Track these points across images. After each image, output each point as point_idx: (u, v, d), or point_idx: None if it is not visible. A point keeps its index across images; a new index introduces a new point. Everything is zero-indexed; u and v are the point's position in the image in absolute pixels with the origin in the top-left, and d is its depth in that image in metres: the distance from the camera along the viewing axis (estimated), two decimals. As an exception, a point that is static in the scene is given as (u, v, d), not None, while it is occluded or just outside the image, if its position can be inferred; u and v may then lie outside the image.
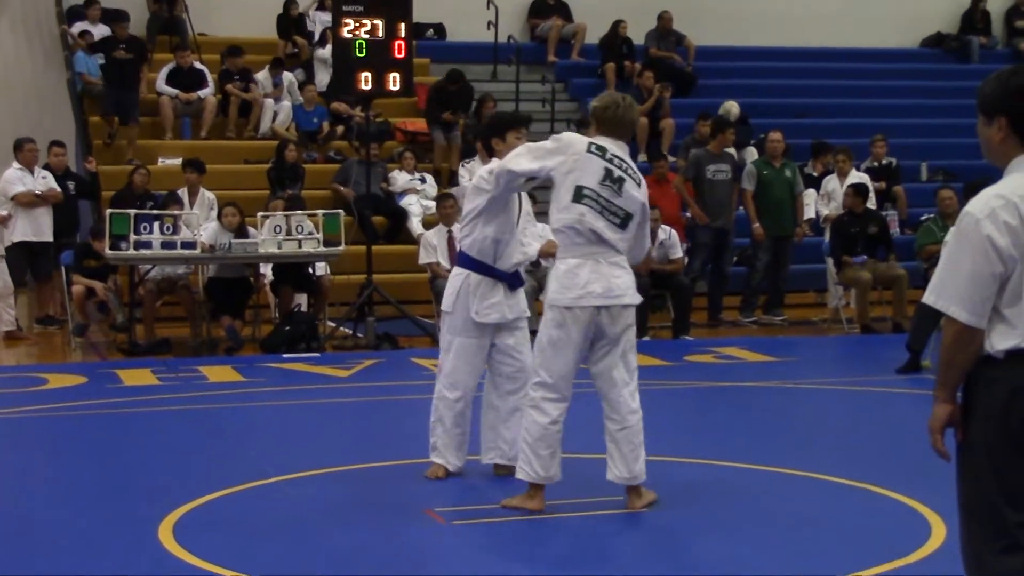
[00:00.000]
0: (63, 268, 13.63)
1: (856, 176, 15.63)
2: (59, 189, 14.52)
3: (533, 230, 7.39)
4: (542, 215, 14.74)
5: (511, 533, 6.18)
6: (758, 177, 14.78)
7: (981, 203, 3.72)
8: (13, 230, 14.31)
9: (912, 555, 5.69)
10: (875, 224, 14.28)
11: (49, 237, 14.43)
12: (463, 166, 15.80)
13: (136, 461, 7.55)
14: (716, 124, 15.29)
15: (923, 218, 14.56)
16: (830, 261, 14.69)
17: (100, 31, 18.31)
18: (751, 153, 17.16)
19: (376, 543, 5.99)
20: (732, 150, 17.23)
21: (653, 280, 13.39)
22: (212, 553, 5.70)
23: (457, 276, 7.16)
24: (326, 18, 18.13)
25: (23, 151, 14.48)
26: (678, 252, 13.69)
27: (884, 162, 16.83)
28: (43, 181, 14.49)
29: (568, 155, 6.41)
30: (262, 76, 17.98)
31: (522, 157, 6.58)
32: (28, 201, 14.28)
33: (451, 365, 7.14)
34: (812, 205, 16.20)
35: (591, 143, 6.44)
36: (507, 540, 6.09)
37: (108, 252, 12.37)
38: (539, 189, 15.40)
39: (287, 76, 18.20)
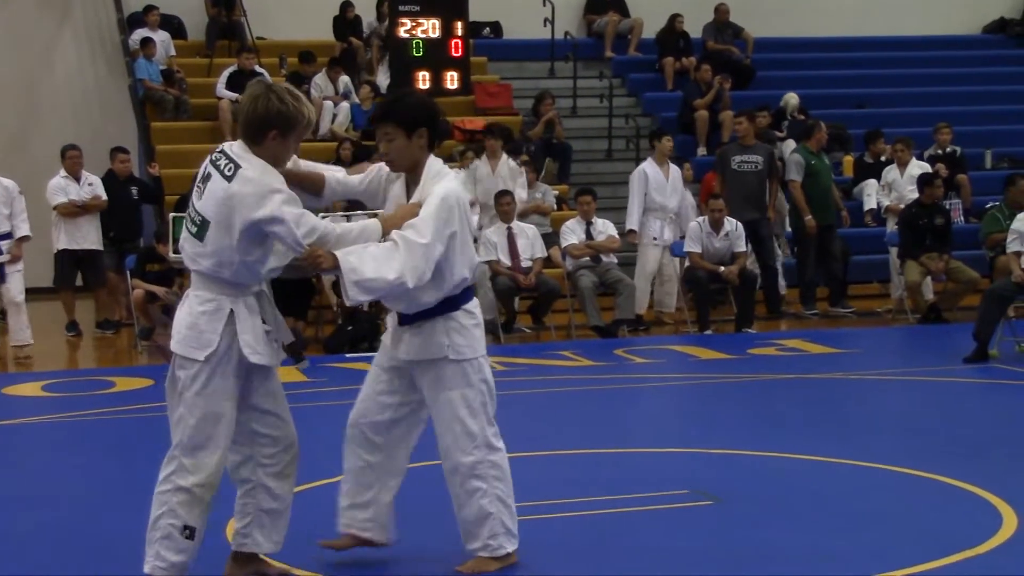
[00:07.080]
0: (127, 272, 13.74)
1: (918, 165, 15.46)
2: (104, 197, 14.49)
3: None
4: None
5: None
6: (806, 167, 14.63)
7: None
8: (58, 238, 14.44)
9: (983, 545, 5.62)
10: (941, 216, 14.07)
11: (95, 245, 14.52)
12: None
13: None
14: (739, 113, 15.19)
15: (988, 206, 14.41)
16: (893, 251, 14.54)
17: (160, 37, 18.50)
18: (790, 145, 16.89)
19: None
20: (793, 141, 17.10)
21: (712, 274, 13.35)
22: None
23: None
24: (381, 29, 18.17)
25: (66, 159, 14.55)
26: (743, 245, 13.57)
27: (948, 150, 16.65)
28: (89, 188, 14.52)
29: None
30: (320, 79, 18.03)
31: None
32: (68, 212, 14.39)
33: None
34: (873, 196, 16.07)
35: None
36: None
37: (171, 255, 12.45)
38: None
39: (343, 79, 18.24)
